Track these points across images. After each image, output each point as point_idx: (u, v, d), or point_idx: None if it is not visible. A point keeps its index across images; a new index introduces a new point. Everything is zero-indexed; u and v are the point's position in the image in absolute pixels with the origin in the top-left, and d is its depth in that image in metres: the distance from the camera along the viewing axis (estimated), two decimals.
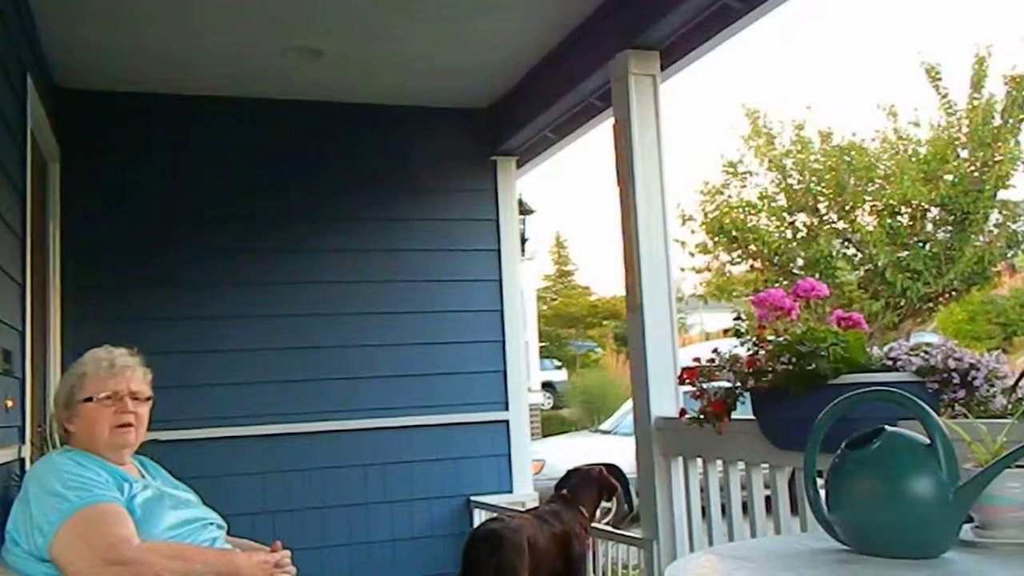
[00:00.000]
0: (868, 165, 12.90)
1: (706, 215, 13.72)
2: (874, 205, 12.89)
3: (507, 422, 4.91)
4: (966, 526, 1.50)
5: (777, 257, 13.28)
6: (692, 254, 14.20)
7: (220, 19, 3.73)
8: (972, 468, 1.46)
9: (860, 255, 13.13)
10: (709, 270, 14.63)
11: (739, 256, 13.97)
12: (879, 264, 12.50)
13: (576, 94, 4.13)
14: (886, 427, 1.50)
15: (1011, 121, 12.22)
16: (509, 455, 4.89)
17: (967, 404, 2.22)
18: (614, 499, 4.06)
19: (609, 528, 4.06)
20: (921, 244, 12.70)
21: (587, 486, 3.90)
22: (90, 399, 2.26)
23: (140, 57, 4.08)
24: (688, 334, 23.69)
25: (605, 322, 26.91)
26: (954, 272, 12.26)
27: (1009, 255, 13.26)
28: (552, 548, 3.65)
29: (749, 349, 2.57)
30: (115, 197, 4.36)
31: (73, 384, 2.29)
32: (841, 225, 13.15)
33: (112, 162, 4.37)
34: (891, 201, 12.56)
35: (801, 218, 13.48)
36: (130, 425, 2.28)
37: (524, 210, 13.25)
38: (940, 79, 12.71)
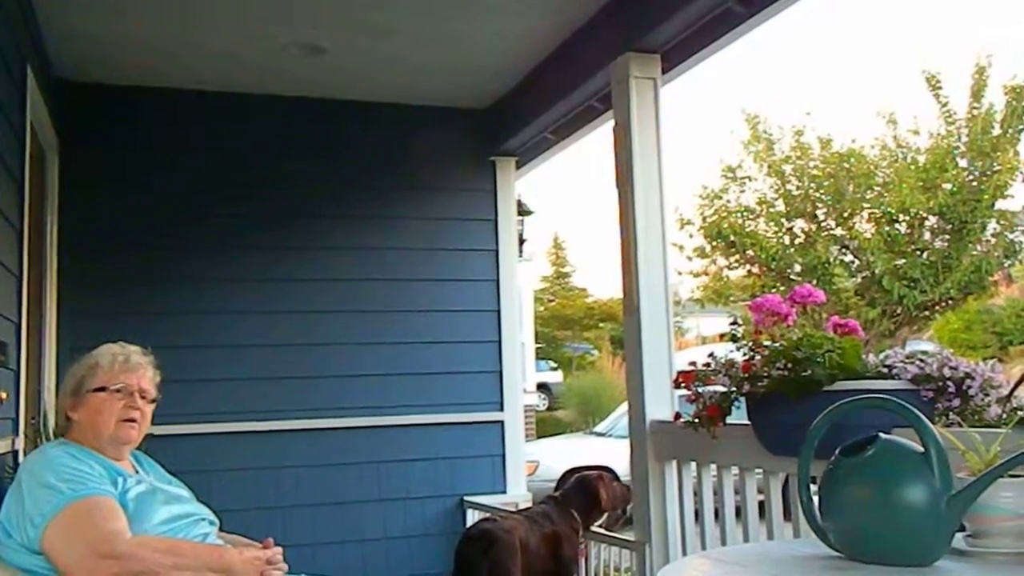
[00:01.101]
0: (867, 172, 12.93)
1: (704, 219, 13.75)
2: (872, 212, 12.92)
3: (502, 423, 4.90)
4: (959, 535, 1.50)
5: (775, 262, 13.31)
6: (690, 258, 14.26)
7: (221, 14, 3.73)
8: (966, 477, 1.47)
9: (857, 262, 13.17)
10: (706, 274, 14.66)
11: (737, 261, 13.99)
12: (876, 271, 12.53)
13: (576, 96, 4.13)
14: (880, 434, 1.50)
15: (1010, 131, 12.26)
16: (503, 456, 4.89)
17: (962, 413, 2.22)
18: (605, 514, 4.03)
19: (602, 530, 4.05)
20: (919, 252, 12.73)
21: (581, 491, 3.89)
22: (102, 389, 2.26)
23: (140, 50, 4.08)
24: (684, 338, 23.70)
25: (601, 324, 26.91)
26: (951, 281, 12.29)
27: (1006, 265, 13.31)
28: (542, 549, 3.66)
29: (745, 354, 2.57)
30: (113, 190, 4.35)
31: (84, 373, 2.30)
32: (839, 232, 13.18)
33: (111, 155, 4.36)
34: (889, 209, 12.59)
35: (799, 224, 13.51)
36: (135, 421, 2.28)
37: (523, 211, 13.24)
38: (940, 88, 12.75)
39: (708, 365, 2.72)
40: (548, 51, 4.18)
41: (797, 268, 13.26)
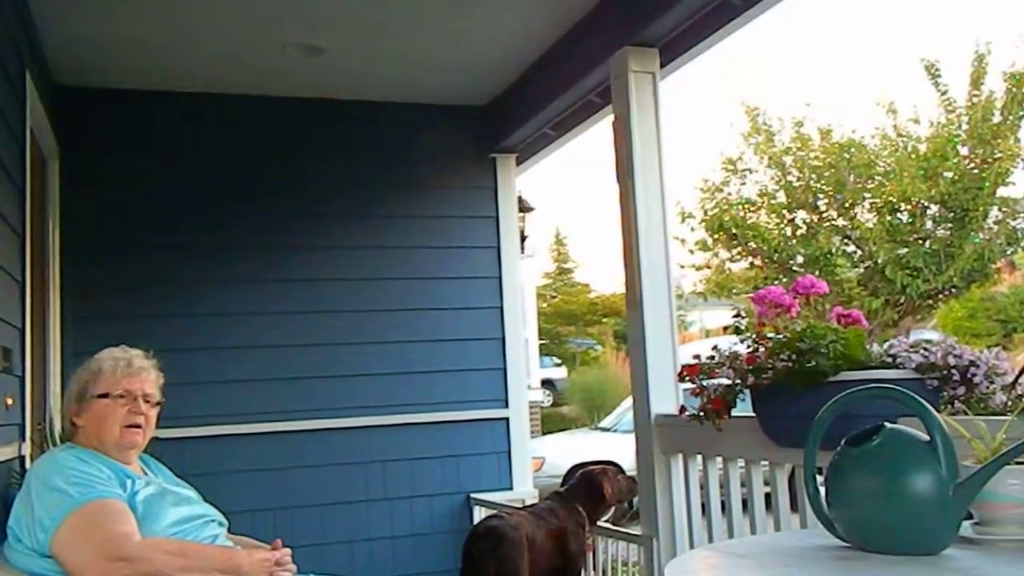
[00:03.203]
0: (868, 162, 12.91)
1: (706, 212, 13.73)
2: (874, 202, 12.90)
3: (507, 419, 4.90)
4: (966, 523, 1.50)
5: (777, 254, 13.29)
6: (692, 251, 14.23)
7: (219, 16, 3.73)
8: (972, 465, 1.47)
9: (860, 252, 13.15)
10: (709, 267, 14.65)
11: (739, 253, 13.98)
12: (879, 261, 12.51)
13: (575, 91, 4.12)
14: (886, 424, 1.50)
15: (1011, 118, 12.22)
16: (509, 452, 4.89)
17: (967, 401, 2.22)
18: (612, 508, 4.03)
19: (609, 525, 4.05)
20: (921, 241, 12.71)
21: (585, 486, 3.90)
22: (105, 395, 2.27)
23: (139, 54, 4.08)
24: (688, 331, 23.71)
25: (605, 319, 26.92)
26: (954, 269, 12.27)
27: (1009, 252, 13.27)
28: (548, 545, 3.66)
29: (749, 346, 2.57)
30: (114, 194, 4.35)
31: (88, 379, 2.30)
32: (841, 222, 13.16)
33: (111, 159, 4.36)
34: (891, 198, 12.57)
35: (801, 215, 13.49)
36: (139, 426, 2.29)
37: (524, 207, 13.22)
38: (940, 76, 12.72)
39: (712, 358, 2.72)
40: (546, 47, 4.18)
41: (799, 259, 13.24)
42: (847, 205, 13.00)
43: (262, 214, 4.59)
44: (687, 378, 2.88)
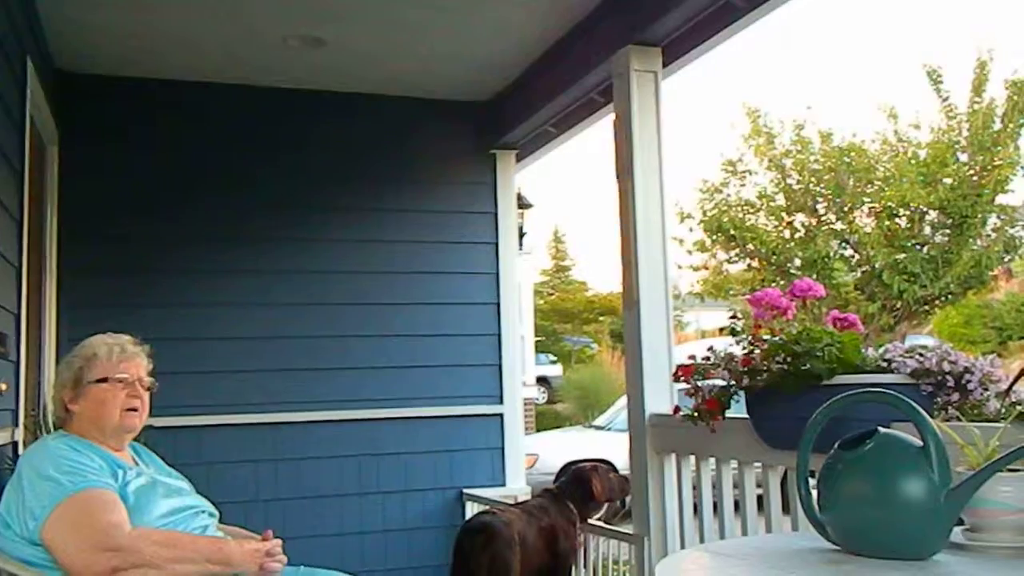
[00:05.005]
0: (867, 167, 12.93)
1: (705, 213, 13.75)
2: (873, 207, 12.92)
3: (501, 416, 4.90)
4: (957, 529, 1.50)
5: (775, 256, 13.31)
6: (690, 252, 14.26)
7: (221, 6, 3.72)
8: (964, 471, 1.47)
9: (857, 256, 13.16)
10: (706, 268, 14.66)
11: (737, 255, 14.00)
12: (876, 266, 12.53)
13: (577, 89, 4.12)
14: (879, 428, 1.50)
15: (1011, 126, 12.25)
16: (503, 449, 4.89)
17: (961, 407, 2.22)
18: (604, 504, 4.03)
19: (601, 523, 4.06)
20: (919, 247, 12.73)
21: (576, 484, 3.90)
22: (104, 380, 2.26)
23: (140, 42, 4.07)
24: (684, 332, 23.71)
25: (601, 318, 26.91)
26: (951, 275, 12.30)
27: (1006, 259, 13.31)
28: (539, 542, 3.66)
29: (744, 348, 2.57)
30: (113, 182, 4.35)
31: (82, 365, 2.29)
32: (839, 226, 13.18)
33: (111, 147, 4.35)
34: (890, 203, 12.59)
35: (799, 218, 13.51)
36: (137, 410, 2.29)
37: (523, 204, 13.24)
38: (941, 82, 12.74)
39: (707, 359, 2.72)
40: (549, 44, 4.18)
41: (797, 262, 13.26)
42: (846, 209, 13.03)
43: (259, 205, 4.58)
44: (682, 378, 2.87)
